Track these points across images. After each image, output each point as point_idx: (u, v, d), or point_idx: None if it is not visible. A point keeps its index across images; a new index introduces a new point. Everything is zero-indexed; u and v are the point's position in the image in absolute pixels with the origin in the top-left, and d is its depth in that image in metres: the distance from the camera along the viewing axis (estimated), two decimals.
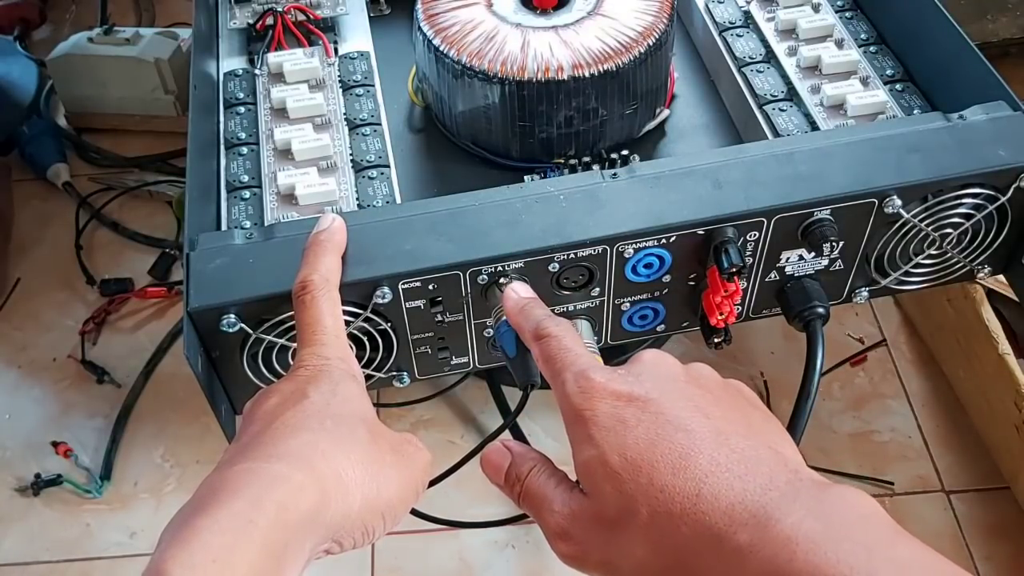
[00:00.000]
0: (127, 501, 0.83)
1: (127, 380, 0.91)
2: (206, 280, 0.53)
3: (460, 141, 0.70)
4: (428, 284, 0.54)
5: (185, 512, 0.36)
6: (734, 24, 0.73)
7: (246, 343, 0.54)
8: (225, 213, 0.62)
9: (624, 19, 0.66)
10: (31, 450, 0.86)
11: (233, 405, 0.58)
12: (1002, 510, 0.80)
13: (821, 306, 0.59)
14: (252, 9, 0.76)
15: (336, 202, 0.62)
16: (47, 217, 1.07)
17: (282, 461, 0.38)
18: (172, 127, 1.11)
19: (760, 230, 0.56)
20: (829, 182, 0.56)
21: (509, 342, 0.54)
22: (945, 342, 0.87)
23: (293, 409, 0.41)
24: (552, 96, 0.64)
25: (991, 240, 0.60)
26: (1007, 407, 0.76)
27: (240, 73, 0.72)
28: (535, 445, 0.81)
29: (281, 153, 0.65)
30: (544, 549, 0.77)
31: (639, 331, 0.62)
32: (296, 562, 0.37)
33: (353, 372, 0.45)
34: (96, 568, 0.79)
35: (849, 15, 0.72)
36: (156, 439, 0.87)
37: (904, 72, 0.68)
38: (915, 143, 0.57)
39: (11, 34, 1.25)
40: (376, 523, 0.41)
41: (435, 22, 0.67)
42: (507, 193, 0.56)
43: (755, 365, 0.88)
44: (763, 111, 0.67)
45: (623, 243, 0.55)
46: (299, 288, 0.48)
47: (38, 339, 0.95)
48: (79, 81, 1.10)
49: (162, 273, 0.99)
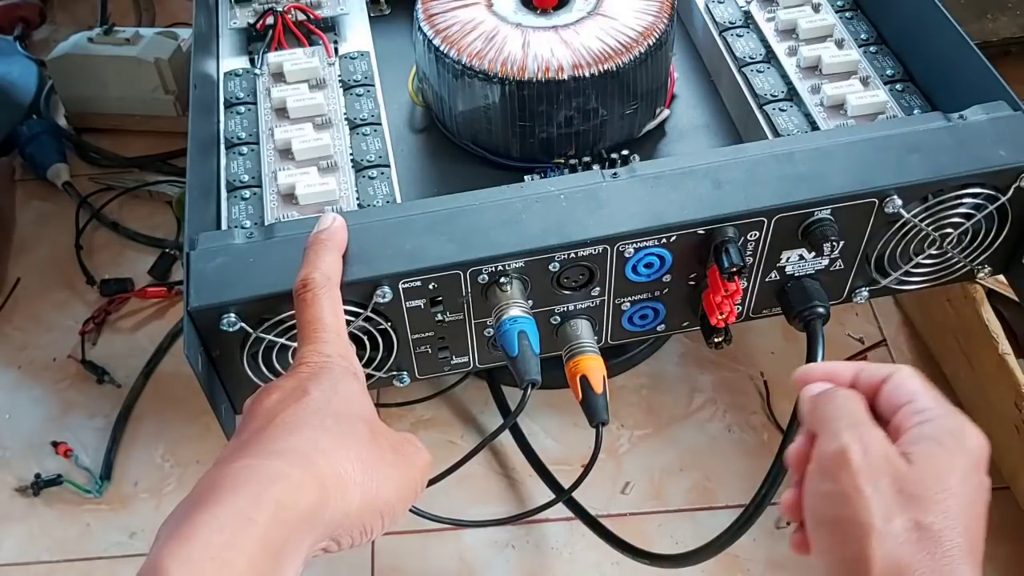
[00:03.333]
0: (127, 501, 0.83)
1: (127, 380, 0.91)
2: (206, 280, 0.53)
3: (460, 141, 0.70)
4: (428, 284, 0.54)
5: (184, 508, 0.36)
6: (734, 24, 0.73)
7: (246, 342, 0.54)
8: (225, 213, 0.62)
9: (624, 19, 0.66)
10: (31, 450, 0.86)
11: (233, 404, 0.58)
12: (1002, 510, 0.79)
13: (821, 306, 0.59)
14: (252, 9, 0.76)
15: (336, 202, 0.62)
16: (47, 217, 1.07)
17: (282, 458, 0.38)
18: (172, 127, 1.10)
19: (760, 230, 0.56)
20: (829, 182, 0.56)
21: (509, 342, 0.54)
22: (945, 342, 0.87)
23: (294, 406, 0.41)
24: (552, 96, 0.64)
25: (991, 240, 0.60)
26: (1007, 407, 0.76)
27: (240, 73, 0.72)
28: (535, 445, 0.82)
29: (281, 153, 0.65)
30: (544, 549, 0.77)
31: (639, 331, 0.62)
32: (294, 560, 0.37)
33: (354, 370, 0.45)
34: (96, 568, 0.79)
35: (849, 15, 0.72)
36: (156, 439, 0.87)
37: (904, 72, 0.68)
38: (915, 143, 0.57)
39: (11, 34, 1.25)
40: (375, 522, 0.41)
41: (435, 22, 0.67)
42: (507, 193, 0.57)
43: (755, 365, 0.88)
44: (763, 111, 0.67)
45: (623, 243, 0.55)
46: (300, 286, 0.48)
47: (38, 339, 0.95)
48: (79, 81, 1.10)
49: (162, 273, 0.99)
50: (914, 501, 0.38)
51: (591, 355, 0.57)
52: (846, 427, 0.41)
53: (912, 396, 0.42)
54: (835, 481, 0.39)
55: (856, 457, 0.39)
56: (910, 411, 0.42)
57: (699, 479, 0.80)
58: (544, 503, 0.73)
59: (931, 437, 0.40)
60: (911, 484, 0.39)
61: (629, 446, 0.81)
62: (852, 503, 0.39)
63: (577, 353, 0.58)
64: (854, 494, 0.39)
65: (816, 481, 0.41)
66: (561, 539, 0.77)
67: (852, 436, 0.40)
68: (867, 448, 0.40)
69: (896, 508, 0.38)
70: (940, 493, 0.38)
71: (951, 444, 0.40)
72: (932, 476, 0.39)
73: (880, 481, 0.39)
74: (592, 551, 0.75)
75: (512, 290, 0.55)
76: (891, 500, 0.38)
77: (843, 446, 0.40)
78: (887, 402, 0.43)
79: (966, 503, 0.39)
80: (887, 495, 0.38)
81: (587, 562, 0.76)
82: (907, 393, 0.43)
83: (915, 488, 0.38)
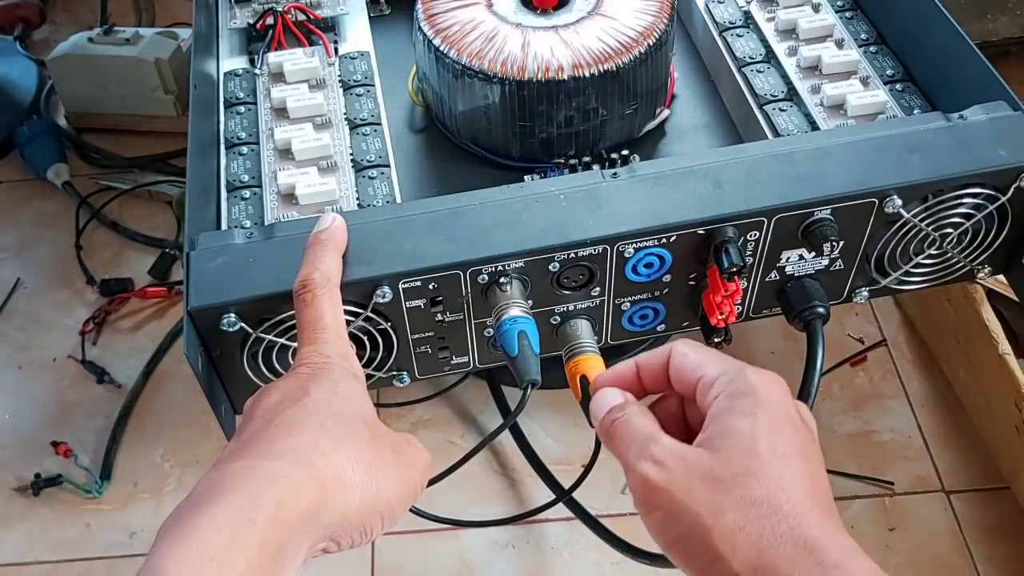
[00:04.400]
0: (127, 501, 0.83)
1: (127, 380, 0.91)
2: (206, 280, 0.53)
3: (460, 141, 0.70)
4: (428, 283, 0.54)
5: (183, 509, 0.36)
6: (734, 24, 0.73)
7: (246, 342, 0.54)
8: (225, 213, 0.62)
9: (624, 19, 0.66)
10: (31, 450, 0.86)
11: (233, 405, 0.58)
12: (1002, 510, 0.79)
13: (821, 306, 0.59)
14: (252, 9, 0.76)
15: (336, 202, 0.62)
16: (47, 217, 1.07)
17: (281, 459, 0.38)
18: (172, 127, 1.11)
19: (760, 230, 0.56)
20: (829, 182, 0.56)
21: (509, 342, 0.54)
22: (945, 342, 0.87)
23: (294, 407, 0.41)
24: (552, 96, 0.64)
25: (991, 240, 0.60)
26: (1007, 407, 0.76)
27: (240, 73, 0.72)
28: (535, 445, 0.82)
29: (281, 153, 0.65)
30: (544, 549, 0.77)
31: (639, 331, 0.62)
32: (294, 561, 0.37)
33: (354, 371, 0.45)
34: (96, 568, 0.79)
35: (849, 15, 0.72)
36: (156, 439, 0.87)
37: (904, 72, 0.68)
38: (915, 143, 0.57)
39: (11, 34, 1.25)
40: (374, 523, 0.41)
41: (435, 22, 0.67)
42: (507, 193, 0.56)
43: (755, 365, 0.88)
44: (763, 111, 0.67)
45: (623, 243, 0.55)
46: (300, 287, 0.48)
47: (38, 339, 0.95)
48: (79, 81, 1.10)
49: (162, 273, 0.99)
50: (733, 483, 0.38)
51: (591, 355, 0.57)
52: (635, 454, 0.40)
53: (696, 368, 0.42)
54: (655, 506, 0.39)
55: (658, 478, 0.39)
56: (703, 387, 0.41)
57: None
58: (544, 503, 0.73)
59: (725, 410, 0.40)
60: (721, 468, 0.38)
61: None
62: (680, 518, 0.38)
63: (577, 353, 0.58)
64: (677, 509, 0.38)
65: (644, 515, 0.40)
66: (561, 539, 0.78)
67: (644, 461, 0.40)
68: (663, 463, 0.39)
69: (719, 498, 0.37)
70: (753, 463, 0.38)
71: (746, 406, 0.39)
72: (738, 452, 0.38)
73: (691, 484, 0.38)
74: (592, 551, 0.75)
75: (512, 290, 0.55)
76: (711, 494, 0.38)
77: (642, 474, 0.39)
78: (679, 384, 0.43)
79: (786, 457, 0.38)
80: (704, 492, 0.38)
81: (587, 562, 0.76)
82: (691, 367, 0.42)
83: (727, 470, 0.38)
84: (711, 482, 0.38)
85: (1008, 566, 0.76)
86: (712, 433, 0.40)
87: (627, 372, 0.45)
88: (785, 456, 0.38)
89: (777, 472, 0.38)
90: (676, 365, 0.43)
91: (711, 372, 0.41)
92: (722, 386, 0.41)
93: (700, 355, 0.43)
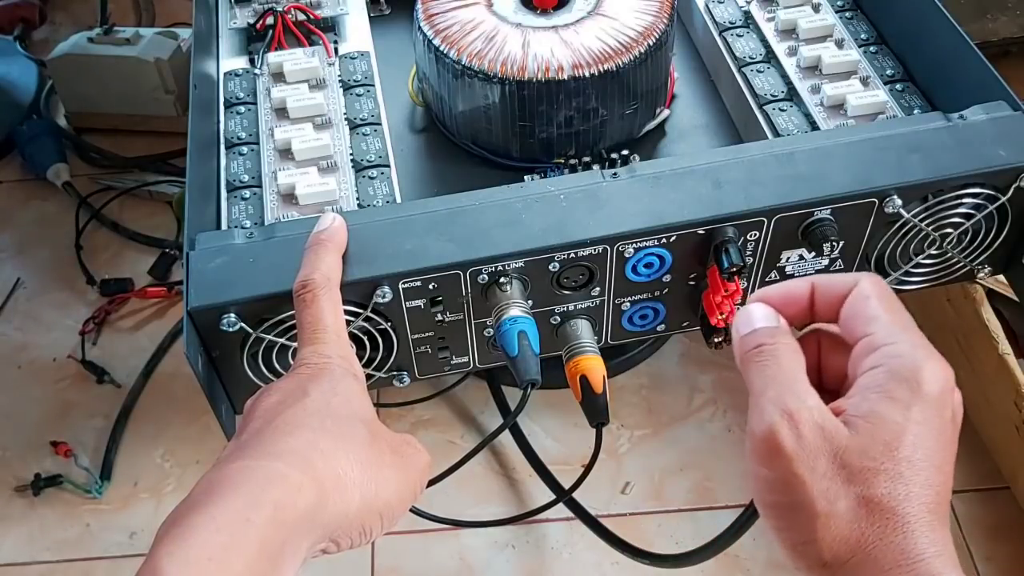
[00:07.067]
0: (127, 501, 0.83)
1: (127, 380, 0.91)
2: (206, 280, 0.53)
3: (460, 141, 0.70)
4: (428, 284, 0.54)
5: (182, 509, 0.36)
6: (734, 24, 0.73)
7: (246, 342, 0.54)
8: (225, 213, 0.62)
9: (624, 19, 0.66)
10: (31, 450, 0.86)
11: (233, 405, 0.58)
12: (1002, 510, 0.79)
13: None
14: (252, 9, 0.76)
15: (336, 202, 0.62)
16: (47, 217, 1.07)
17: (281, 459, 0.38)
18: (172, 127, 1.11)
19: (760, 230, 0.56)
20: (829, 182, 0.56)
21: (509, 342, 0.54)
22: (945, 342, 0.87)
23: (293, 407, 0.41)
24: (552, 96, 0.64)
25: (991, 240, 0.60)
26: (1007, 407, 0.76)
27: (240, 73, 0.72)
28: (535, 445, 0.82)
29: (281, 153, 0.65)
30: (544, 549, 0.77)
31: (639, 331, 0.62)
32: (293, 561, 0.37)
33: (354, 371, 0.45)
34: (96, 568, 0.79)
35: (849, 15, 0.72)
36: (156, 439, 0.87)
37: (904, 72, 0.68)
38: (915, 143, 0.57)
39: (11, 34, 1.25)
40: (374, 523, 0.41)
41: (435, 22, 0.67)
42: (507, 193, 0.56)
43: None
44: (763, 111, 0.67)
45: (623, 243, 0.55)
46: (300, 287, 0.48)
47: (38, 339, 0.95)
48: (79, 81, 1.10)
49: (162, 273, 0.99)
50: (859, 475, 0.35)
51: (591, 355, 0.57)
52: (771, 399, 0.36)
53: (869, 322, 0.37)
54: (770, 467, 0.36)
55: (787, 442, 0.35)
56: (864, 346, 0.37)
57: (699, 479, 0.80)
58: (544, 503, 0.73)
59: (879, 390, 0.36)
60: (854, 456, 0.35)
61: (629, 446, 0.81)
62: (791, 490, 0.35)
63: (577, 353, 0.58)
64: (792, 480, 0.35)
65: (754, 463, 0.37)
66: (561, 539, 0.77)
67: (779, 414, 0.36)
68: (798, 427, 0.35)
69: (839, 487, 0.35)
70: (888, 461, 0.35)
71: (902, 395, 0.36)
72: (877, 444, 0.35)
73: (817, 462, 0.35)
74: (592, 551, 0.75)
75: (512, 290, 0.55)
76: (832, 480, 0.35)
77: (771, 427, 0.36)
78: (846, 329, 0.39)
79: (923, 464, 0.35)
80: (827, 476, 0.35)
81: (587, 562, 0.76)
82: (864, 321, 0.38)
83: (859, 460, 0.35)
84: (838, 467, 0.35)
85: (1008, 566, 0.76)
86: (856, 409, 0.36)
87: (799, 294, 0.40)
88: (922, 463, 0.35)
89: (908, 478, 0.35)
90: (852, 307, 0.38)
91: (880, 335, 0.37)
92: (883, 358, 0.37)
93: (880, 308, 0.38)
